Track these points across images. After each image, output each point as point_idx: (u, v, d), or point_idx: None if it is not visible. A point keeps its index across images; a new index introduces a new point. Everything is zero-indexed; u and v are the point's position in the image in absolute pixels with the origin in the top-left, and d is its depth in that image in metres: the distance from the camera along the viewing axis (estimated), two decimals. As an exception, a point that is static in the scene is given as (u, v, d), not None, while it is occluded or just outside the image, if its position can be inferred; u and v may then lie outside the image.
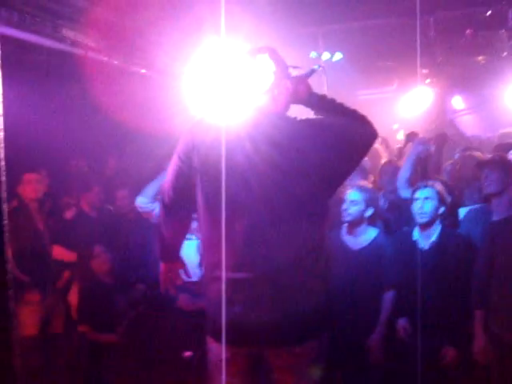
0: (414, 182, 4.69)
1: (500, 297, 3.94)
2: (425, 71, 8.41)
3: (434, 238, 4.30)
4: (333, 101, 2.87)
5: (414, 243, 4.34)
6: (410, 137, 5.71)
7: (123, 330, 4.90)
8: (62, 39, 5.53)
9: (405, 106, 9.52)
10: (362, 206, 4.46)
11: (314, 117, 2.85)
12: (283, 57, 2.79)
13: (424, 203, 4.26)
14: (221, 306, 2.79)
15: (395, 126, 10.79)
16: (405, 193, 4.85)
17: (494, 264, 3.99)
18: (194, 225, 3.63)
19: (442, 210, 4.30)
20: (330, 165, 2.64)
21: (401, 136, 10.13)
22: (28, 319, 5.55)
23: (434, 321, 4.15)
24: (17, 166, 5.85)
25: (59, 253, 5.73)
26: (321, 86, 7.63)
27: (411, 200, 4.41)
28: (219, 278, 2.74)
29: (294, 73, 2.85)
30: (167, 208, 2.93)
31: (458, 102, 11.15)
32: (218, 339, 2.82)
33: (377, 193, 4.95)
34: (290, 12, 6.27)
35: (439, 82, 8.79)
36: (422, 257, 4.18)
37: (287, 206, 2.62)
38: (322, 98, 2.87)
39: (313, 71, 2.92)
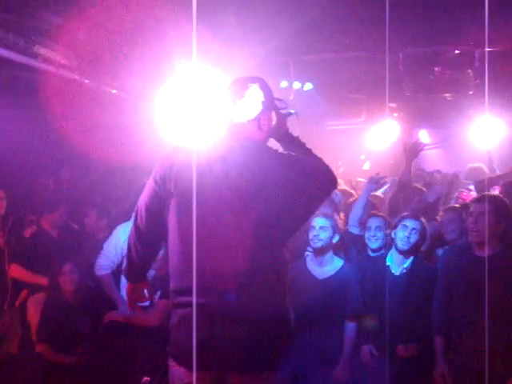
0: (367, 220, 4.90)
1: (461, 323, 4.02)
2: (393, 105, 8.57)
3: (406, 264, 4.45)
4: (303, 144, 2.98)
5: (387, 268, 4.49)
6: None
7: (82, 351, 4.80)
8: (34, 55, 5.49)
9: (372, 138, 9.67)
10: (329, 233, 4.57)
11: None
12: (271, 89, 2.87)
13: (410, 233, 4.41)
14: (184, 330, 2.79)
15: (362, 157, 10.94)
16: (355, 229, 5.01)
17: (452, 290, 4.10)
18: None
19: (420, 242, 4.51)
20: (296, 197, 2.73)
21: (367, 167, 10.28)
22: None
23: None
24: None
25: (16, 272, 5.62)
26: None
27: (360, 236, 4.76)
28: (184, 303, 2.76)
29: (278, 104, 2.92)
30: (139, 230, 2.93)
31: (423, 136, 11.36)
32: (181, 363, 2.82)
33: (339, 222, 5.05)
34: (261, 40, 6.34)
35: (406, 116, 8.96)
36: (393, 282, 4.35)
37: (253, 234, 2.66)
38: (296, 138, 2.99)
39: (290, 114, 3.00)
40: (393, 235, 4.54)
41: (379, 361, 4.29)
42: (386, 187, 6.04)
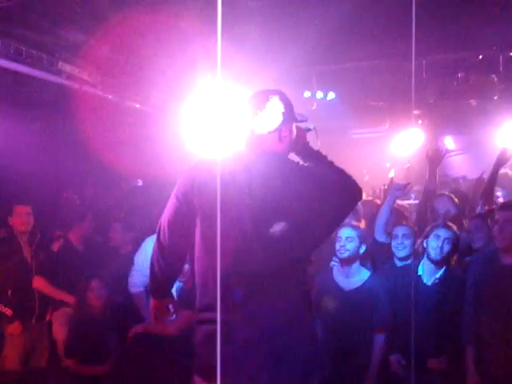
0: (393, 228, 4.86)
1: (490, 333, 3.93)
2: (417, 112, 8.50)
3: (438, 274, 4.37)
4: (324, 157, 2.93)
5: (418, 277, 4.42)
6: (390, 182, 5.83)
7: (112, 362, 4.80)
8: (57, 72, 5.57)
9: (397, 146, 9.60)
10: (356, 243, 4.52)
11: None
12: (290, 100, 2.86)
13: (443, 242, 4.34)
14: (209, 346, 2.76)
15: (387, 165, 10.86)
16: (381, 237, 4.96)
17: (481, 299, 4.02)
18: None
19: (452, 252, 4.42)
20: (318, 209, 2.70)
21: (392, 174, 10.20)
22: (10, 352, 5.49)
23: (427, 358, 4.20)
24: (8, 196, 5.87)
25: (40, 284, 5.65)
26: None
27: (387, 244, 4.67)
28: (208, 320, 2.74)
29: (298, 117, 2.90)
30: (162, 246, 2.91)
31: (449, 142, 11.25)
32: (206, 379, 2.80)
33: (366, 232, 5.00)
34: (283, 52, 6.34)
35: (430, 122, 8.88)
36: (424, 292, 4.29)
37: (277, 247, 2.64)
38: (316, 152, 2.95)
39: (309, 130, 2.97)
40: (425, 244, 4.47)
41: (408, 373, 4.23)
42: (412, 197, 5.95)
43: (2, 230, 5.62)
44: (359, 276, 4.58)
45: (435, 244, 4.36)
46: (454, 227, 4.51)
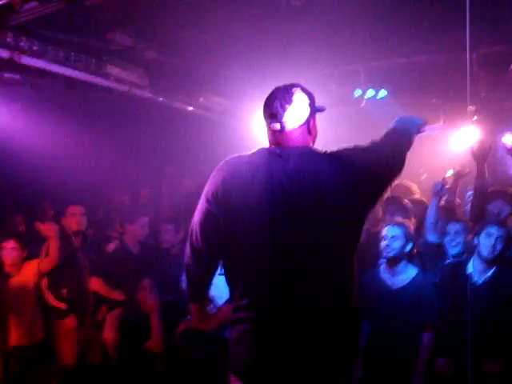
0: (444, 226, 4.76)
1: None
2: (472, 108, 8.25)
3: (490, 273, 4.25)
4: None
5: (468, 276, 4.31)
6: (457, 175, 5.61)
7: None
8: (106, 76, 5.67)
9: (454, 143, 9.36)
10: (402, 241, 4.44)
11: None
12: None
13: (496, 241, 4.23)
14: (244, 345, 2.74)
15: (451, 172, 10.59)
16: (431, 237, 4.85)
17: None
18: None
19: (504, 250, 4.29)
20: (357, 197, 2.61)
21: (450, 173, 9.94)
22: (66, 348, 5.62)
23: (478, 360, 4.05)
24: (63, 197, 6.01)
25: (96, 285, 5.76)
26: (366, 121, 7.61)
27: (438, 244, 4.60)
28: (243, 319, 2.72)
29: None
30: (194, 250, 2.85)
31: (509, 139, 10.91)
32: (240, 378, 2.78)
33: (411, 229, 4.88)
34: (332, 49, 6.29)
35: (487, 118, 8.61)
36: (475, 291, 4.15)
37: (318, 245, 2.57)
38: None
39: (324, 109, 2.85)
40: (475, 242, 4.35)
41: (457, 375, 4.12)
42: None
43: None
44: (406, 274, 4.47)
45: (488, 242, 4.23)
46: (507, 225, 4.37)
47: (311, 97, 2.76)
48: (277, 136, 2.73)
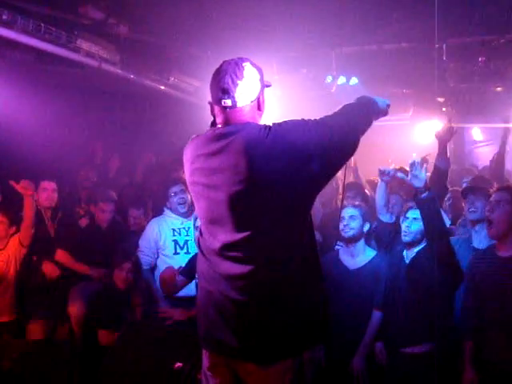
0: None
1: (493, 327, 3.82)
2: (441, 99, 8.36)
3: (414, 253, 4.29)
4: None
5: (402, 257, 4.38)
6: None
7: (122, 334, 4.87)
8: (76, 49, 5.62)
9: (421, 134, 9.49)
10: (360, 221, 4.56)
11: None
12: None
13: (412, 223, 4.26)
14: (202, 313, 2.81)
15: (414, 155, 10.72)
16: (384, 217, 4.80)
17: (481, 293, 3.90)
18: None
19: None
20: (313, 170, 2.52)
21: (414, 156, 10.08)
22: (34, 322, 5.60)
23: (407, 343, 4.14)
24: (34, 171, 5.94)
25: (62, 257, 5.73)
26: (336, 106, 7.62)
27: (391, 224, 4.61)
28: (201, 288, 2.80)
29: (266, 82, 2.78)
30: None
31: (477, 133, 11.08)
32: (203, 346, 2.85)
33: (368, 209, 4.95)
34: (303, 33, 6.32)
35: (455, 111, 8.70)
36: (405, 271, 4.24)
37: (270, 215, 2.55)
38: None
39: (269, 85, 2.79)
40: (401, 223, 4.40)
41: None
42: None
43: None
44: (364, 255, 4.62)
45: (408, 224, 4.27)
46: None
47: (261, 72, 2.69)
48: (227, 113, 2.64)
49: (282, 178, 2.49)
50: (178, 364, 4.21)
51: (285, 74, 7.06)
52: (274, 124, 2.58)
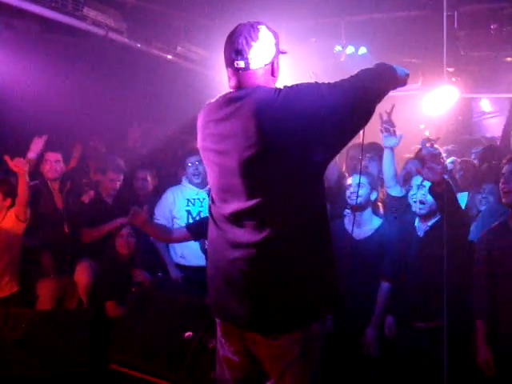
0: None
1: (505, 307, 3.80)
2: (450, 69, 8.24)
3: (428, 227, 4.25)
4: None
5: (414, 230, 4.34)
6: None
7: (130, 305, 4.89)
8: (83, 18, 5.56)
9: (429, 105, 9.37)
10: (367, 189, 4.50)
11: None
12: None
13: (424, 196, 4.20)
14: (211, 282, 2.82)
15: (422, 126, 10.64)
16: (393, 191, 4.77)
17: (495, 272, 3.87)
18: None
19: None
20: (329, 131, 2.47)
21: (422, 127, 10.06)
22: (43, 293, 5.64)
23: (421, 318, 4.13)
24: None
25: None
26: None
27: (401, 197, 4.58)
28: (211, 257, 2.81)
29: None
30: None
31: (485, 104, 10.97)
32: (213, 314, 2.87)
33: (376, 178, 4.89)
34: (312, 1, 6.23)
35: (465, 80, 8.60)
36: (418, 246, 4.22)
37: (282, 180, 2.50)
38: None
39: (284, 52, 2.75)
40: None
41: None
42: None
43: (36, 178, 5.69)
44: (371, 224, 4.56)
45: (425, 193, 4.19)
46: None
47: (277, 37, 2.65)
48: (239, 75, 2.60)
49: (292, 142, 2.44)
50: (188, 333, 4.23)
51: (294, 43, 6.99)
52: (285, 86, 2.53)
